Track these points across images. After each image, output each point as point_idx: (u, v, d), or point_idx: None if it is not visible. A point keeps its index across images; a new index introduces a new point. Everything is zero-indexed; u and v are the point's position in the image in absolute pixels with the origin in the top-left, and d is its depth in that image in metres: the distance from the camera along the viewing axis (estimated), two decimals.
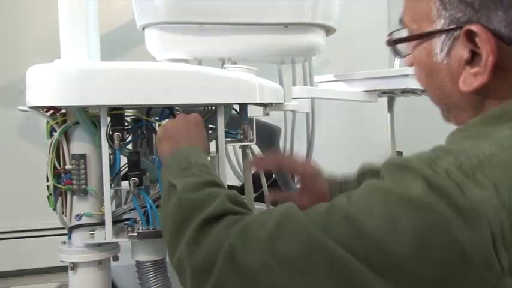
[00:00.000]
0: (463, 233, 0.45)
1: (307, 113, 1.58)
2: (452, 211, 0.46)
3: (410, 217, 0.47)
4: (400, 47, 0.66)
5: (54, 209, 1.02)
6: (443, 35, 0.58)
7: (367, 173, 0.90)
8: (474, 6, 0.55)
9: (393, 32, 0.66)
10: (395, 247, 0.47)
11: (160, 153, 0.89)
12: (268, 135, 1.27)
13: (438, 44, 0.59)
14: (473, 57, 0.56)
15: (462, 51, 0.57)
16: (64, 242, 1.03)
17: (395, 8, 2.07)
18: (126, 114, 0.99)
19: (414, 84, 1.04)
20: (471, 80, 0.57)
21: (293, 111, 1.31)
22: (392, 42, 0.65)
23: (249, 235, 0.56)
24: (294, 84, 1.59)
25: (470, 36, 0.55)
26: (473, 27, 0.54)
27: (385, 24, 2.11)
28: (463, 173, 0.47)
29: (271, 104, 1.05)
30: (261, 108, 1.08)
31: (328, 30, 1.20)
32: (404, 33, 0.64)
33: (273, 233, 0.54)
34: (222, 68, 1.08)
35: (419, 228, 0.46)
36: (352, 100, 1.19)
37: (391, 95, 1.38)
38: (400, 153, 2.11)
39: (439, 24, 0.58)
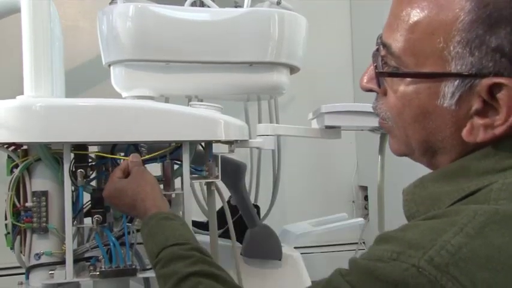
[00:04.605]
0: None
1: (272, 150, 1.60)
2: None
3: None
4: (388, 79, 0.58)
5: (12, 248, 0.99)
6: (458, 80, 0.51)
7: None
8: (502, 60, 0.49)
9: (378, 57, 0.59)
10: None
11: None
12: (233, 172, 1.27)
13: (450, 88, 0.52)
14: (485, 106, 0.52)
15: (475, 100, 0.52)
16: (21, 283, 0.99)
17: (359, 45, 2.14)
18: (89, 150, 0.98)
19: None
20: (479, 131, 0.52)
21: (258, 148, 1.32)
22: (386, 74, 0.58)
23: None
24: (259, 121, 1.62)
25: (494, 88, 0.50)
26: (505, 81, 0.49)
27: (349, 61, 2.17)
28: (435, 267, 0.44)
29: (236, 141, 1.06)
30: (226, 145, 1.09)
31: (293, 69, 1.23)
32: (391, 61, 0.57)
33: None
34: (188, 105, 1.09)
35: None
36: (316, 137, 1.21)
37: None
38: (364, 187, 2.15)
39: (456, 67, 0.51)
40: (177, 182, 1.05)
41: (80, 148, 0.96)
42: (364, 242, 2.10)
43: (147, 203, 0.88)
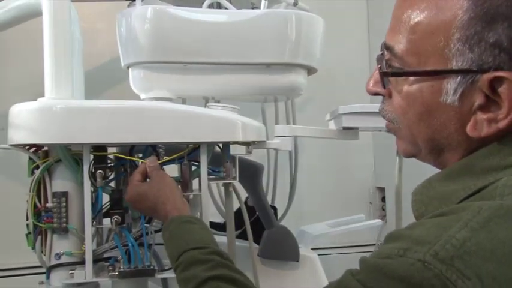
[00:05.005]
0: None
1: (290, 151, 1.60)
2: None
3: None
4: (392, 79, 0.59)
5: (33, 248, 1.00)
6: (460, 76, 0.53)
7: None
8: (507, 54, 0.50)
9: (383, 60, 0.60)
10: None
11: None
12: (251, 173, 1.27)
13: (452, 84, 0.53)
14: (488, 101, 0.52)
15: (477, 96, 0.53)
16: (42, 282, 1.01)
17: (376, 45, 2.12)
18: (109, 152, 0.99)
19: None
20: (483, 126, 0.53)
21: (275, 150, 1.32)
22: (390, 74, 0.59)
23: None
24: (276, 122, 1.61)
25: (496, 82, 0.51)
26: (505, 75, 0.50)
27: (366, 62, 2.16)
28: (440, 261, 0.45)
29: (253, 142, 1.07)
30: (244, 146, 1.09)
31: (310, 70, 1.23)
32: (394, 63, 0.58)
33: None
34: (206, 106, 1.10)
35: None
36: (333, 138, 1.20)
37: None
38: (382, 189, 2.14)
39: (457, 64, 0.52)
40: (195, 183, 1.05)
41: (99, 149, 0.97)
42: (381, 244, 2.08)
43: (167, 206, 0.89)
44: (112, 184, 1.04)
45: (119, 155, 1.00)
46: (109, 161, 1.01)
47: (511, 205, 0.48)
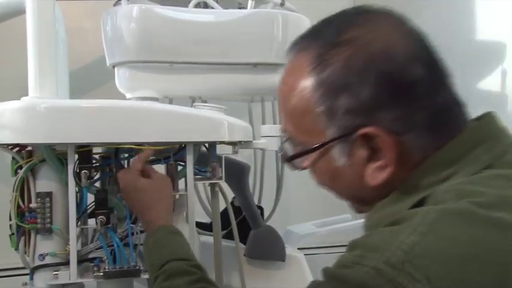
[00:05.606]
0: None
1: (276, 151, 1.60)
2: None
3: None
4: (296, 160, 0.65)
5: (16, 249, 0.99)
6: (339, 143, 0.58)
7: None
8: (361, 114, 0.56)
9: (283, 144, 0.66)
10: None
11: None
12: (237, 173, 1.27)
13: (336, 151, 0.59)
14: (373, 152, 0.57)
15: (362, 151, 0.57)
16: (25, 283, 1.00)
17: None
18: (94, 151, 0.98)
19: None
20: (377, 174, 0.58)
21: (262, 149, 1.32)
22: (289, 159, 0.64)
23: None
24: (263, 122, 1.61)
25: (367, 137, 0.56)
26: (368, 130, 0.56)
27: None
28: (391, 267, 0.47)
29: (240, 142, 1.07)
30: (230, 146, 1.09)
31: None
32: (291, 144, 0.64)
33: None
34: (192, 106, 1.09)
35: None
36: None
37: None
38: None
39: (331, 134, 0.58)
40: (181, 183, 1.05)
41: (83, 149, 0.96)
42: None
43: (159, 213, 0.91)
44: (97, 184, 1.03)
45: (108, 150, 0.99)
46: (94, 161, 1.01)
47: (455, 207, 0.50)
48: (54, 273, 0.96)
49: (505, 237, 0.48)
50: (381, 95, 0.55)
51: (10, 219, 0.98)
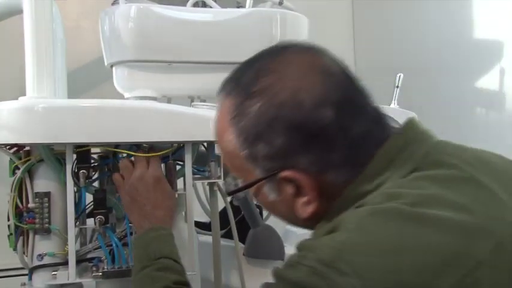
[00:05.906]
0: None
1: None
2: None
3: None
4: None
5: (15, 249, 0.99)
6: (267, 182, 0.63)
7: None
8: (278, 159, 0.60)
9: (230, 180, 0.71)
10: None
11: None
12: None
13: (266, 188, 0.63)
14: (298, 189, 0.61)
15: (288, 188, 0.61)
16: (24, 284, 1.00)
17: (361, 46, 2.14)
18: (92, 151, 0.98)
19: None
20: (305, 208, 0.62)
21: None
22: (230, 193, 0.72)
23: None
24: None
25: (288, 179, 0.60)
26: (287, 174, 0.60)
27: (351, 62, 2.17)
28: (324, 265, 0.50)
29: None
30: None
31: None
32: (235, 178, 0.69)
33: None
34: (191, 105, 1.09)
35: None
36: None
37: None
38: None
39: (258, 174, 0.63)
40: (180, 182, 1.05)
41: (82, 149, 0.96)
42: None
43: (166, 213, 0.94)
44: (95, 184, 1.03)
45: (106, 149, 0.99)
46: (92, 161, 1.00)
47: (381, 206, 0.54)
48: (53, 273, 0.96)
49: (428, 229, 0.51)
50: (293, 143, 0.59)
51: (8, 220, 0.98)
